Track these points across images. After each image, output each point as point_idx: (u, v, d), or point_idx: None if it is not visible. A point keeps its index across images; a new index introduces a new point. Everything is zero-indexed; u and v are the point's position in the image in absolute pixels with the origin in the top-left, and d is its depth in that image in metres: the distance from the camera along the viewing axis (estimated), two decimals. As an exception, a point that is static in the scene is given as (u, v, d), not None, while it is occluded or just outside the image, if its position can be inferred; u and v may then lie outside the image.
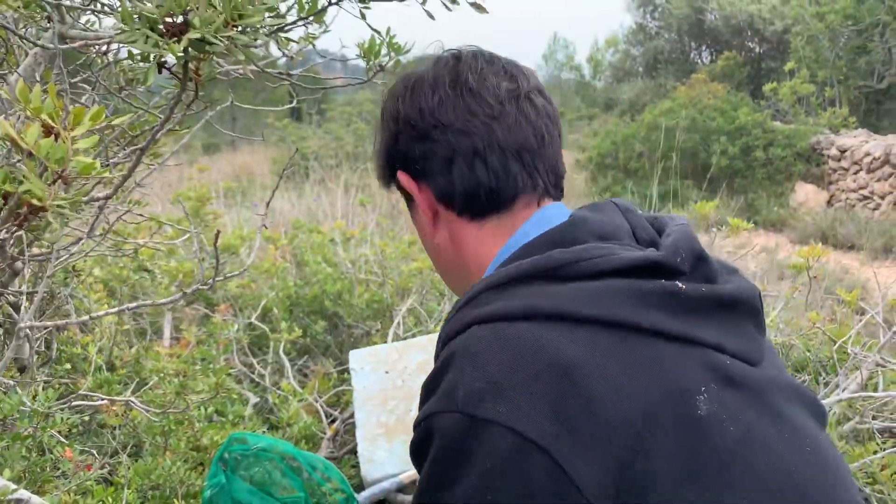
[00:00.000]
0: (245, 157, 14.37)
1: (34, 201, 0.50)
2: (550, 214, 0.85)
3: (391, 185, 0.94)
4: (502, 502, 0.62)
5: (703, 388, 0.67)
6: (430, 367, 1.08)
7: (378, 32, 1.08)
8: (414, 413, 1.99)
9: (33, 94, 0.52)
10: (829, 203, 10.47)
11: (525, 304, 0.70)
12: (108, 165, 1.10)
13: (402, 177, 0.87)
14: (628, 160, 12.00)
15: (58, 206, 0.51)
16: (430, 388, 0.71)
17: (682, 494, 0.63)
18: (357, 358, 2.29)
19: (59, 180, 0.51)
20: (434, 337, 2.35)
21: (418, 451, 0.70)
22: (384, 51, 1.06)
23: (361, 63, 1.21)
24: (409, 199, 0.92)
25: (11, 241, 1.39)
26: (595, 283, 0.71)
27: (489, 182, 0.83)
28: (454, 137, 0.82)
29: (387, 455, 1.88)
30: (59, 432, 1.62)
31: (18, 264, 1.51)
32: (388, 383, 2.11)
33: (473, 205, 0.84)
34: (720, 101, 12.38)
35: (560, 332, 0.67)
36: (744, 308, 0.77)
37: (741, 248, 4.84)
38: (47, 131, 0.53)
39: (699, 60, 21.39)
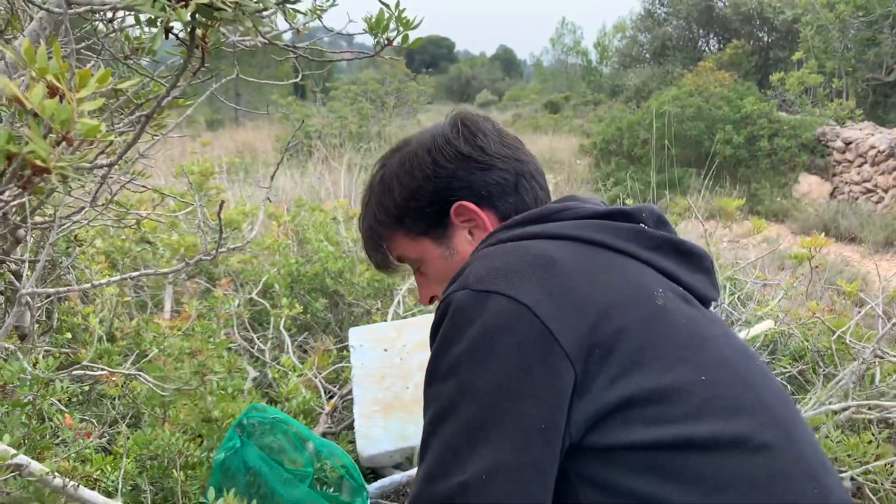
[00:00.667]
0: (248, 133, 14.33)
1: (38, 162, 0.49)
2: None
3: (423, 231, 1.07)
4: (494, 350, 0.79)
5: (660, 290, 0.87)
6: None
7: (386, 6, 1.06)
8: (411, 390, 2.00)
9: (38, 55, 0.52)
10: (832, 195, 10.44)
11: (521, 232, 0.94)
12: (112, 130, 1.09)
13: (467, 205, 1.03)
14: (633, 147, 11.95)
15: (62, 167, 0.51)
16: (449, 284, 0.89)
17: (641, 358, 0.79)
18: (356, 335, 2.29)
19: (64, 142, 0.51)
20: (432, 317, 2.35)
21: (437, 325, 0.86)
22: (392, 25, 1.05)
23: (367, 41, 1.19)
24: (439, 241, 1.07)
25: (14, 209, 1.39)
26: (577, 220, 0.94)
27: (542, 195, 1.07)
28: (515, 165, 1.05)
29: (382, 431, 1.89)
30: (59, 401, 1.63)
31: (21, 232, 1.51)
32: (387, 361, 2.12)
33: (528, 217, 1.01)
34: (727, 89, 12.30)
35: (547, 243, 0.90)
36: (698, 261, 0.97)
37: (742, 237, 4.83)
38: (52, 92, 0.52)
39: (707, 48, 21.20)
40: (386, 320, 2.68)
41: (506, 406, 0.77)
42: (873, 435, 1.76)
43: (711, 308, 1.00)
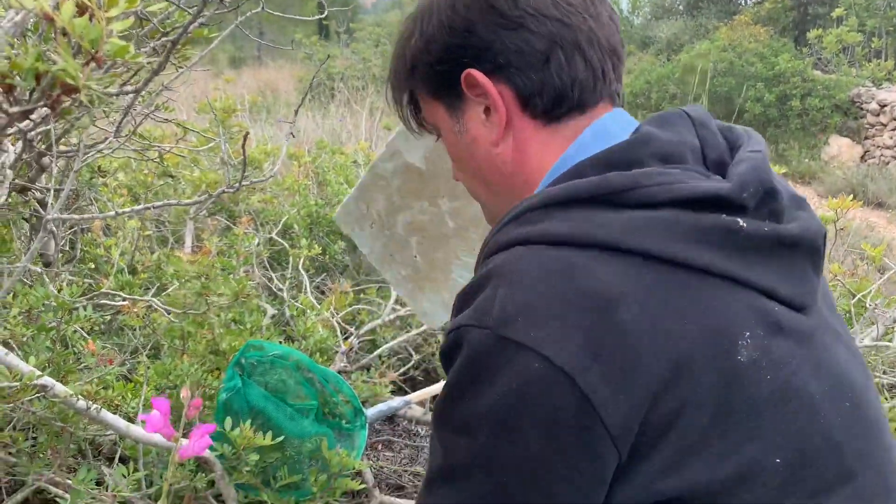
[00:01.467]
0: (271, 73, 14.21)
1: (68, 80, 0.49)
2: (611, 126, 0.78)
3: (436, 93, 0.83)
4: (521, 425, 0.62)
5: (747, 334, 0.64)
6: (389, 182, 1.08)
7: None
8: (419, 258, 1.91)
9: (67, -28, 0.51)
10: (862, 158, 10.22)
11: (572, 228, 0.67)
12: (140, 52, 1.08)
13: (476, 74, 0.77)
14: (661, 101, 11.72)
15: (90, 87, 0.51)
16: (465, 299, 0.70)
17: (704, 441, 0.62)
18: (342, 220, 2.09)
19: (93, 62, 0.51)
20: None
21: (447, 358, 0.69)
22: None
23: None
24: (451, 110, 0.83)
25: (39, 136, 1.39)
26: (650, 212, 0.66)
27: (586, 77, 0.76)
28: (555, 28, 0.75)
29: (429, 304, 1.87)
30: (82, 328, 1.66)
31: (46, 160, 1.52)
32: (380, 237, 1.98)
33: (560, 104, 0.77)
34: (761, 45, 11.96)
35: (603, 262, 0.64)
36: (804, 249, 0.72)
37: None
38: (81, 11, 0.51)
39: (743, 1, 20.56)
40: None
41: (530, 488, 0.64)
42: (886, 399, 1.76)
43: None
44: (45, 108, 0.55)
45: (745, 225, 0.67)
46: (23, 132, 0.81)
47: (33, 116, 0.58)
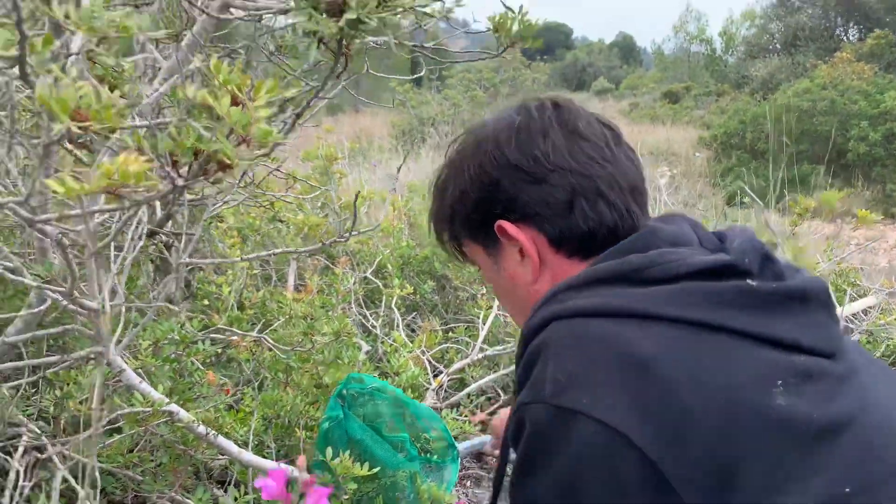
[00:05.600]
0: (366, 119, 14.79)
1: (225, 160, 0.61)
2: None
3: (473, 237, 0.94)
4: (588, 490, 0.66)
5: (779, 382, 0.69)
6: None
7: (510, 9, 1.13)
8: None
9: (223, 68, 0.63)
10: (982, 199, 9.55)
11: (601, 301, 0.74)
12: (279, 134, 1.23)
13: (506, 226, 0.87)
14: (756, 141, 11.40)
15: (242, 164, 0.62)
16: (520, 380, 0.77)
17: (770, 482, 0.64)
18: None
19: (243, 143, 0.62)
20: None
21: (514, 438, 0.75)
22: (515, 27, 1.11)
23: (481, 27, 1.26)
24: (489, 251, 0.92)
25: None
26: (669, 286, 0.74)
27: (612, 220, 0.84)
28: (576, 180, 0.83)
29: None
30: (198, 360, 1.82)
31: (174, 208, 1.70)
32: None
33: (590, 244, 0.85)
34: (865, 82, 11.48)
35: (635, 328, 0.70)
36: (816, 302, 0.77)
37: (871, 241, 4.54)
38: (234, 100, 0.63)
39: (845, 38, 19.79)
40: (491, 307, 2.75)
41: None
42: None
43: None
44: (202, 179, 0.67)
45: (755, 284, 0.74)
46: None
47: (195, 189, 0.71)
